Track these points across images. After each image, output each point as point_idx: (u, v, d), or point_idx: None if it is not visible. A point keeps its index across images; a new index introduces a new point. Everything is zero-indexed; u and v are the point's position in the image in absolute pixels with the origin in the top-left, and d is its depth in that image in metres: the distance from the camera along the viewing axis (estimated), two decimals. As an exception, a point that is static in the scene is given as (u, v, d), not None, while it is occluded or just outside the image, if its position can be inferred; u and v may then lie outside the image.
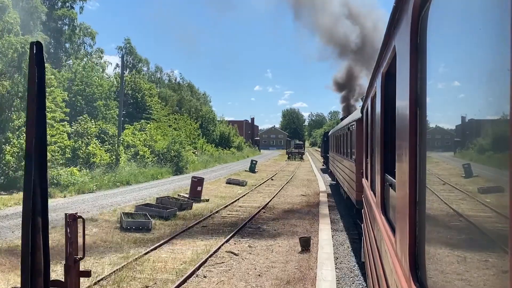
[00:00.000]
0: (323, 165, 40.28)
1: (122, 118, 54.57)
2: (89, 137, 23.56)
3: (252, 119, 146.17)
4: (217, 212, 14.84)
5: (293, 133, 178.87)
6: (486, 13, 1.11)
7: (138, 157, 27.33)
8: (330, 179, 26.93)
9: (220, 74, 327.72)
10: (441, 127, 1.72)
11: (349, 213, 15.01)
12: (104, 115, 31.75)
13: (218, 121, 66.48)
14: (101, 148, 24.64)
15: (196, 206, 15.91)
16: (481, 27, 1.16)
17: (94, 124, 26.34)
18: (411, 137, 1.86)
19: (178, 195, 17.82)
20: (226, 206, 16.26)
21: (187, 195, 17.56)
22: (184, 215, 14.03)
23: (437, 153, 1.83)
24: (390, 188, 3.08)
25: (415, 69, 1.84)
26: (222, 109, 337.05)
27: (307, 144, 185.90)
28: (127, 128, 30.23)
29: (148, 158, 27.75)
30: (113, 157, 23.54)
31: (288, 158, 58.51)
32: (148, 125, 31.48)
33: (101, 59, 44.10)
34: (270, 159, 58.03)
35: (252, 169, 33.30)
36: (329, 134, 30.00)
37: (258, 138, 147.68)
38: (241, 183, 23.86)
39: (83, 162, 22.66)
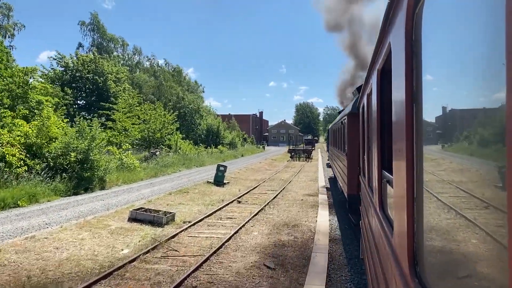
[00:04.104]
0: (328, 160, 35.33)
1: (76, 108, 43.14)
2: None
3: (261, 113, 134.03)
4: None
5: (306, 128, 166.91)
6: (481, 9, 1.11)
7: (1, 165, 15.44)
8: (333, 175, 23.51)
9: (234, 70, 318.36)
10: (436, 122, 1.69)
11: None
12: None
13: (205, 112, 54.15)
14: None
15: None
16: (476, 23, 1.16)
17: None
18: (408, 133, 1.85)
19: None
20: None
21: None
22: None
23: (434, 148, 1.76)
24: (388, 184, 3.02)
25: (410, 66, 1.83)
26: (236, 105, 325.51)
27: (321, 139, 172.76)
28: (4, 116, 18.48)
29: (20, 167, 15.79)
30: None
31: (290, 157, 45.99)
32: (45, 110, 19.52)
33: None
34: (268, 159, 45.51)
35: (218, 180, 21.03)
36: (329, 128, 29.07)
37: (267, 134, 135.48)
38: (157, 220, 11.66)
39: None
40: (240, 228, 11.39)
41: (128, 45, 55.37)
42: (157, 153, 31.14)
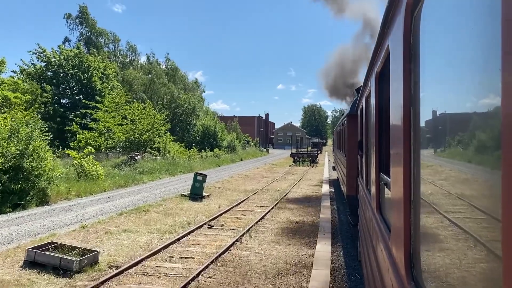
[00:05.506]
0: (334, 163, 32.31)
1: (58, 107, 39.35)
2: None
3: (266, 115, 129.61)
4: None
5: (314, 131, 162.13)
6: (478, 12, 1.11)
7: None
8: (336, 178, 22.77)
9: (243, 73, 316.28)
10: (434, 125, 1.66)
11: None
12: None
13: (202, 113, 49.96)
14: None
15: None
16: (473, 26, 1.16)
17: None
18: (405, 136, 1.84)
19: None
20: None
21: None
22: None
23: (431, 151, 1.73)
24: (385, 187, 3.02)
25: (409, 69, 1.82)
26: (245, 108, 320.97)
27: (330, 142, 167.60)
28: None
29: None
30: None
31: (293, 161, 41.68)
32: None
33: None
34: (268, 163, 41.21)
35: (195, 192, 16.83)
36: (334, 130, 29.46)
37: (273, 136, 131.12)
38: (65, 266, 7.52)
39: None
40: (189, 282, 7.21)
41: (119, 41, 51.62)
42: (138, 157, 27.07)
